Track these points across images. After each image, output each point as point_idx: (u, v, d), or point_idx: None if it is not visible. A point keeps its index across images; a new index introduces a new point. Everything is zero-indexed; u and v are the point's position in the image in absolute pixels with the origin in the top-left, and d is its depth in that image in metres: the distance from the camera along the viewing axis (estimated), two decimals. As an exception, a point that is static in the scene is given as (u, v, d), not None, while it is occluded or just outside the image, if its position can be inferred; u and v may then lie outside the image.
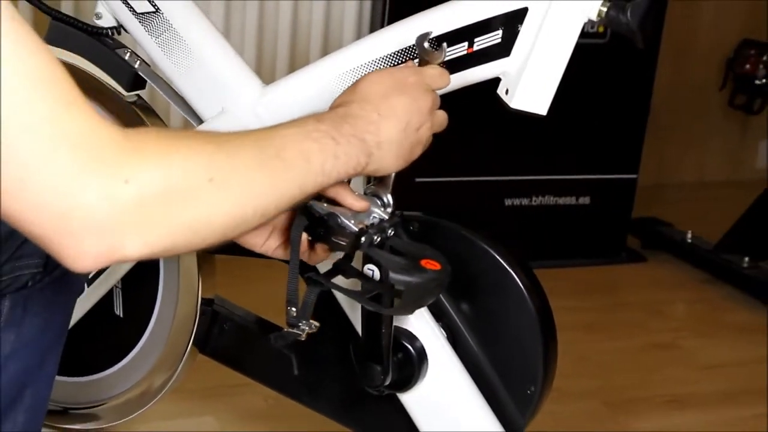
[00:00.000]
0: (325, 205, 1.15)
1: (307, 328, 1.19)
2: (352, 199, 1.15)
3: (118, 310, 1.55)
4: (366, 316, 1.25)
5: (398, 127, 1.07)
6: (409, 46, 1.24)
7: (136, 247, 0.79)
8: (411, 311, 1.20)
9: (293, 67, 2.87)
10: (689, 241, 3.03)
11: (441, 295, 1.34)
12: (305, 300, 1.19)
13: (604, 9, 1.17)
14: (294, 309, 1.16)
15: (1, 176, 0.72)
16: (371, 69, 1.26)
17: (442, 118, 1.15)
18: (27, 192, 0.74)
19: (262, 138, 0.93)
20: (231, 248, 1.47)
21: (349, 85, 1.24)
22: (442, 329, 1.34)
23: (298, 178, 0.94)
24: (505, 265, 1.31)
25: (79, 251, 0.77)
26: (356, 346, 1.31)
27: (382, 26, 2.69)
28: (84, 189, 0.75)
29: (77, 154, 0.75)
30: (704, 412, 2.20)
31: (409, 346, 1.31)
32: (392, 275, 1.11)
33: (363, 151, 1.04)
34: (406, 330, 1.32)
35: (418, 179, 2.81)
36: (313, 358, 1.39)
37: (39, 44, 0.76)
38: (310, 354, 1.38)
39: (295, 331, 1.18)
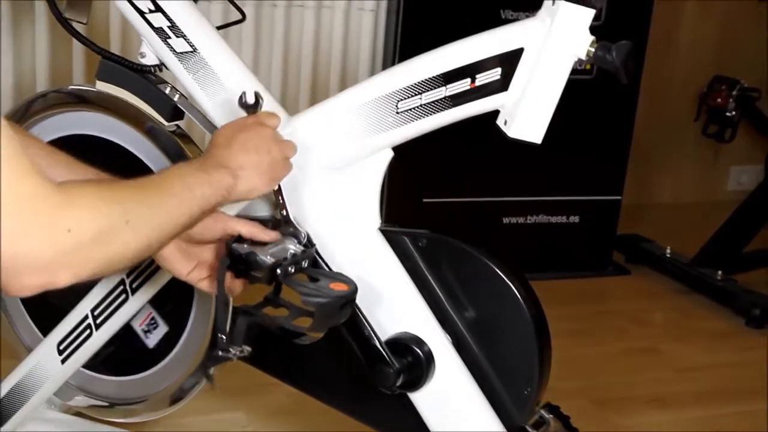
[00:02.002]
0: (245, 245, 1.24)
1: (237, 352, 1.25)
2: (263, 234, 1.27)
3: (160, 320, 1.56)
4: (347, 332, 1.28)
5: (249, 152, 1.21)
6: (419, 81, 1.24)
7: (67, 279, 0.89)
8: (324, 328, 1.26)
9: (314, 98, 2.88)
10: (668, 255, 3.03)
11: (446, 304, 1.34)
12: (237, 328, 1.25)
13: (592, 49, 1.17)
14: (223, 336, 1.26)
15: None
16: (386, 102, 1.27)
17: (289, 144, 1.28)
18: None
19: (156, 182, 1.08)
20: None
21: (367, 115, 1.27)
22: (447, 335, 1.34)
23: (186, 207, 1.08)
24: (503, 276, 1.31)
25: (22, 285, 0.86)
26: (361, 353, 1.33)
27: (395, 52, 2.71)
28: (33, 237, 0.84)
29: (29, 211, 0.83)
30: (682, 410, 2.19)
31: (418, 350, 1.31)
32: (303, 298, 1.19)
33: (229, 175, 1.17)
34: (415, 336, 1.32)
35: (425, 200, 2.81)
36: (331, 358, 1.39)
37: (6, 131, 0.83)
38: (330, 355, 1.38)
39: (225, 355, 1.26)
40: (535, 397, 1.31)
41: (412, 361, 1.31)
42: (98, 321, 1.50)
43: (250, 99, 1.26)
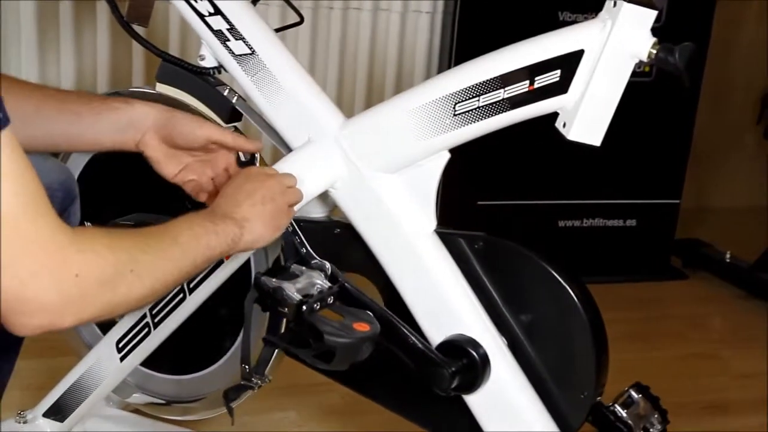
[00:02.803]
0: (274, 280, 1.27)
1: (259, 382, 1.27)
2: (247, 144, 1.37)
3: (214, 317, 1.57)
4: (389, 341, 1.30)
5: (255, 203, 1.22)
6: (477, 83, 1.24)
7: (71, 321, 0.91)
8: (346, 365, 1.27)
9: (370, 100, 2.89)
10: (728, 260, 2.98)
11: (502, 307, 1.34)
12: (261, 358, 1.26)
13: (654, 51, 1.15)
14: (247, 366, 1.30)
15: None
16: (444, 104, 1.27)
17: (296, 192, 1.30)
18: None
19: (164, 232, 1.08)
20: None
21: (424, 117, 1.28)
22: (503, 337, 1.33)
23: (191, 256, 1.09)
24: (560, 279, 1.31)
25: (27, 325, 0.88)
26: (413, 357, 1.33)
27: (450, 54, 2.71)
28: (40, 280, 0.86)
29: (39, 252, 0.85)
30: (741, 417, 2.16)
31: (474, 352, 1.31)
32: (326, 338, 1.21)
33: (235, 225, 1.18)
34: (470, 338, 1.31)
35: (480, 202, 2.80)
36: (386, 360, 1.39)
37: (27, 168, 0.85)
38: (384, 357, 1.38)
39: (248, 384, 1.26)
40: (593, 402, 1.30)
41: (467, 363, 1.31)
42: (156, 320, 1.52)
43: (244, 157, 1.36)
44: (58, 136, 1.30)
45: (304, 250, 1.35)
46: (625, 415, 1.31)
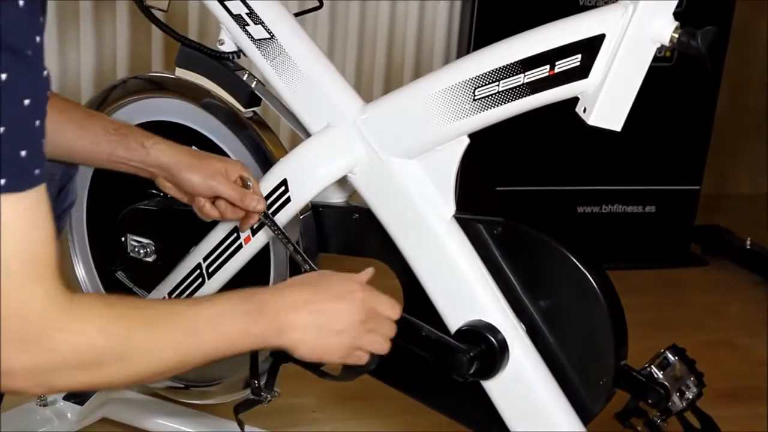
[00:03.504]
0: None
1: (269, 396, 1.24)
2: (245, 200, 1.33)
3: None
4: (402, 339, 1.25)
5: (321, 323, 1.04)
6: (497, 68, 1.23)
7: (40, 391, 0.86)
8: (353, 378, 1.23)
9: (389, 85, 2.88)
10: (748, 247, 2.96)
11: (521, 293, 1.33)
12: (269, 371, 1.24)
13: (676, 35, 1.14)
14: (257, 382, 1.24)
15: None
16: (463, 89, 1.26)
17: (380, 341, 1.10)
18: None
19: (184, 317, 0.95)
20: (337, 248, 1.50)
21: (443, 102, 1.27)
22: (521, 324, 1.33)
23: (204, 350, 0.96)
24: (580, 265, 1.30)
25: (5, 384, 0.81)
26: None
27: (470, 38, 2.69)
28: (12, 348, 0.79)
29: (19, 323, 0.79)
30: (759, 405, 2.15)
31: (492, 338, 1.30)
32: None
33: (275, 335, 1.02)
34: (489, 324, 1.31)
35: (498, 188, 2.79)
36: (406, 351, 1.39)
37: (41, 227, 0.79)
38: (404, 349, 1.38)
39: (257, 398, 1.28)
40: (612, 388, 1.30)
41: (485, 348, 1.31)
42: (210, 270, 1.51)
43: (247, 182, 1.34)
44: (78, 153, 1.32)
45: (309, 267, 1.32)
46: (661, 376, 1.30)
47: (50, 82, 0.78)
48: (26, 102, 0.73)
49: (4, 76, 0.72)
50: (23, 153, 0.74)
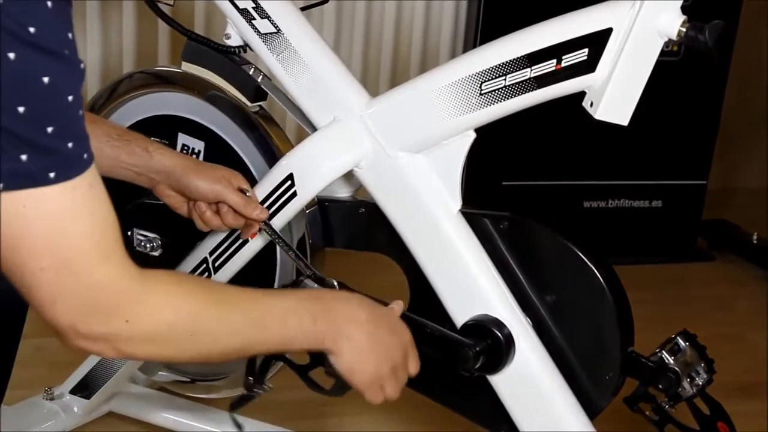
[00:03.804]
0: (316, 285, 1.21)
1: (261, 391, 1.26)
2: (247, 209, 1.32)
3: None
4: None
5: (370, 346, 1.09)
6: (504, 62, 1.23)
7: (112, 354, 0.91)
8: (344, 393, 1.21)
9: (395, 79, 2.88)
10: (755, 242, 2.96)
11: (527, 288, 1.33)
12: (260, 367, 1.25)
13: (684, 29, 1.14)
14: (251, 378, 1.25)
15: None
16: (470, 83, 1.26)
17: (396, 389, 1.15)
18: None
19: (255, 306, 1.00)
20: (343, 242, 1.50)
21: (450, 97, 1.27)
22: (528, 318, 1.33)
23: (267, 341, 1.02)
24: (586, 260, 1.30)
25: (76, 345, 0.88)
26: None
27: (476, 32, 2.69)
28: (91, 318, 0.86)
29: (97, 297, 0.85)
30: (765, 400, 2.14)
31: (498, 333, 1.30)
32: (326, 369, 1.13)
33: (331, 339, 1.06)
34: (495, 318, 1.31)
35: (504, 182, 2.79)
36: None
37: (102, 205, 0.84)
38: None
39: (251, 394, 1.26)
40: (618, 383, 1.30)
41: (491, 343, 1.30)
42: (216, 264, 1.51)
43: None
44: None
45: (311, 271, 1.31)
46: (672, 361, 1.30)
47: (85, 71, 0.81)
48: (70, 98, 0.78)
49: (46, 79, 0.75)
50: (70, 145, 0.78)
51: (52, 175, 0.77)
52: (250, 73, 1.48)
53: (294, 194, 1.39)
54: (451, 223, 1.34)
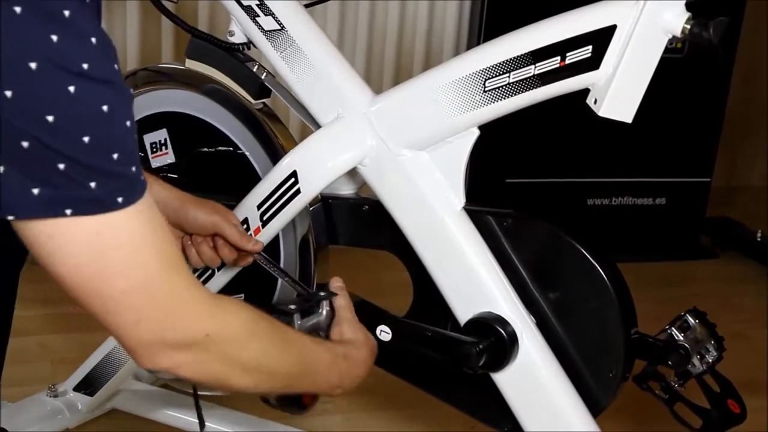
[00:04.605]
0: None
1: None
2: (243, 241, 1.31)
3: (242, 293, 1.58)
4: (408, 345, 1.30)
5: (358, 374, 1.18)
6: (508, 59, 1.23)
7: (188, 369, 0.92)
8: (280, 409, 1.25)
9: (399, 77, 2.88)
10: (759, 239, 2.95)
11: (531, 285, 1.33)
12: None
13: (688, 26, 1.14)
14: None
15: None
16: (473, 80, 1.26)
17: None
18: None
19: (304, 357, 1.05)
20: (347, 239, 1.50)
21: (454, 94, 1.27)
22: (531, 316, 1.33)
23: (305, 385, 1.10)
24: (590, 258, 1.30)
25: (154, 363, 0.90)
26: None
27: (480, 29, 2.69)
28: (173, 334, 0.88)
29: (179, 304, 0.88)
30: (769, 398, 2.14)
31: (501, 330, 1.30)
32: None
33: (341, 388, 1.15)
34: (498, 316, 1.31)
35: (508, 180, 2.79)
36: (415, 336, 1.39)
37: (162, 227, 0.87)
38: (412, 336, 1.38)
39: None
40: (621, 380, 1.30)
41: (494, 341, 1.30)
42: None
43: None
44: None
45: (306, 295, 1.31)
46: (681, 338, 1.30)
47: (133, 98, 0.83)
48: (128, 124, 0.80)
49: (105, 107, 0.77)
50: (133, 169, 0.81)
51: (120, 199, 0.80)
52: (254, 70, 1.47)
53: (297, 191, 1.39)
54: (454, 220, 1.33)
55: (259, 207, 1.42)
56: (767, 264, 2.88)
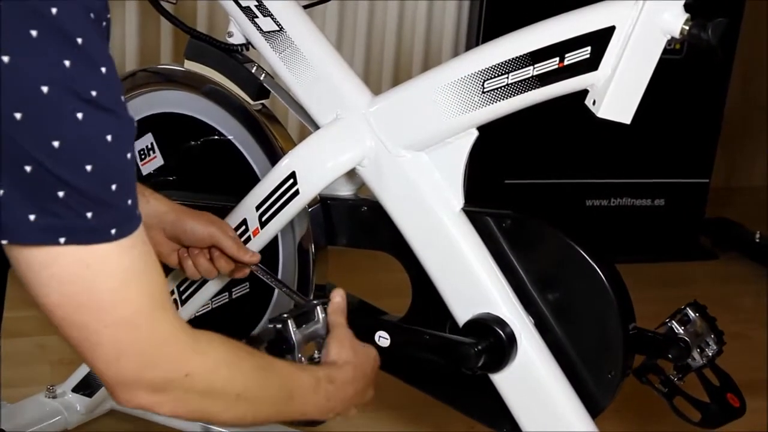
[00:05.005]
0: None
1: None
2: (240, 253, 1.31)
3: (241, 293, 1.58)
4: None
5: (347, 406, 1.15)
6: (506, 60, 1.23)
7: (166, 412, 0.91)
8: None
9: (397, 77, 2.88)
10: (758, 240, 2.95)
11: (529, 286, 1.33)
12: None
13: (687, 27, 1.14)
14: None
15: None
16: (472, 81, 1.26)
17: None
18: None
19: (286, 382, 1.03)
20: (346, 241, 1.50)
21: (452, 95, 1.26)
22: (530, 316, 1.33)
23: (290, 414, 1.07)
24: (589, 259, 1.30)
25: (130, 401, 0.88)
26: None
27: (479, 30, 2.68)
28: (153, 372, 0.87)
29: (157, 350, 0.87)
30: (769, 398, 2.14)
31: (500, 331, 1.30)
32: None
33: (330, 415, 1.12)
34: (497, 317, 1.31)
35: (506, 181, 2.79)
36: (413, 340, 1.39)
37: (153, 263, 0.86)
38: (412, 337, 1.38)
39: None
40: (620, 381, 1.30)
41: (493, 342, 1.30)
42: (184, 296, 1.53)
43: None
44: None
45: (304, 304, 1.30)
46: (681, 331, 1.30)
47: (137, 128, 0.83)
48: (128, 156, 0.80)
49: (109, 137, 0.77)
50: (129, 201, 0.81)
51: (113, 231, 0.79)
52: (253, 71, 1.48)
53: (296, 192, 1.39)
54: (453, 221, 1.34)
55: (257, 208, 1.42)
56: (766, 265, 2.88)
